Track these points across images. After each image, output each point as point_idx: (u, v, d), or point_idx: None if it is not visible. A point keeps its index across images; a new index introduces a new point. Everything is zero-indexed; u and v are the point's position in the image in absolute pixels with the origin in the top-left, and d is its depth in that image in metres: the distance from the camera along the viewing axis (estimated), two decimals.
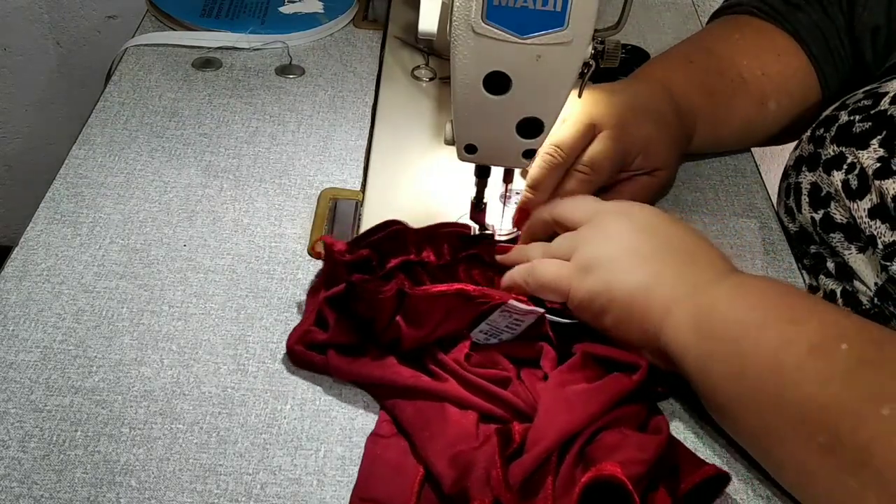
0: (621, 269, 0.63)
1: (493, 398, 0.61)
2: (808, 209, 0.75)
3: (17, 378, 0.62)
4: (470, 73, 0.62)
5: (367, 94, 0.93)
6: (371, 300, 0.63)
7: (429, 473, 0.57)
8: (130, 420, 0.60)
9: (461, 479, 0.56)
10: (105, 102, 0.88)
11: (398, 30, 1.02)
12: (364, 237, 0.69)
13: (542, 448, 0.57)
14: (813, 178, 0.75)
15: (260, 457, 0.59)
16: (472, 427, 0.60)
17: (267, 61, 0.96)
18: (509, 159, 0.68)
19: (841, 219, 0.72)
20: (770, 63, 0.85)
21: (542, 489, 0.56)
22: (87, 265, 0.71)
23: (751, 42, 0.86)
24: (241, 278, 0.71)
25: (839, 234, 0.73)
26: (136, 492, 0.56)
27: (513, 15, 0.58)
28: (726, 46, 0.86)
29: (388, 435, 0.60)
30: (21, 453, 0.58)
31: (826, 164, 0.73)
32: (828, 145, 0.74)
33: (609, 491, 0.55)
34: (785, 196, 0.80)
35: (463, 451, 0.58)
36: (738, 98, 0.84)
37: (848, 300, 0.72)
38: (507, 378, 0.63)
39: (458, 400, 0.61)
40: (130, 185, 0.79)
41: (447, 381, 0.62)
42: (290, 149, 0.85)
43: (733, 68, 0.84)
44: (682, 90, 0.81)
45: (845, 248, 0.72)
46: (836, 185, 0.72)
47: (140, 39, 0.97)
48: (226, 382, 0.63)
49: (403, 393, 0.62)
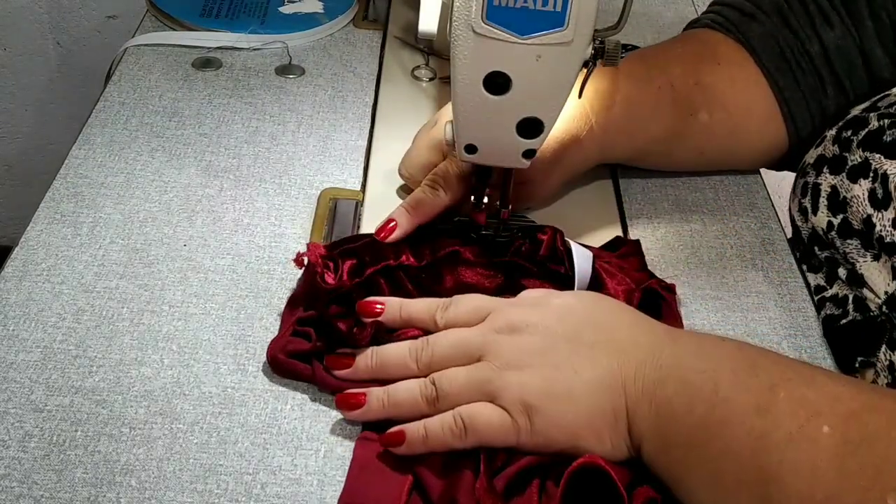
0: (560, 392, 0.57)
1: None
2: (826, 212, 0.73)
3: (18, 378, 0.62)
4: (470, 73, 0.62)
5: (367, 94, 0.93)
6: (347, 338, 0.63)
7: (417, 481, 0.57)
8: (130, 420, 0.60)
9: (449, 489, 0.56)
10: (105, 102, 0.88)
11: (398, 30, 1.02)
12: (341, 243, 0.69)
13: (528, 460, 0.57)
14: (834, 182, 0.72)
15: (260, 457, 0.59)
16: None
17: (267, 61, 0.96)
18: (509, 159, 0.68)
19: (858, 226, 0.70)
20: (705, 73, 0.81)
21: (528, 491, 0.56)
22: (87, 265, 0.71)
23: (690, 51, 0.83)
24: (241, 278, 0.71)
25: (856, 240, 0.71)
26: (136, 492, 0.56)
27: (513, 15, 0.58)
28: (662, 55, 0.83)
29: (376, 439, 0.60)
30: (21, 453, 0.58)
31: (851, 172, 0.71)
32: (854, 149, 0.71)
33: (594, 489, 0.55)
34: (801, 195, 0.77)
35: (454, 462, 0.58)
36: (662, 107, 0.79)
37: (858, 306, 0.71)
38: None
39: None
40: (130, 185, 0.79)
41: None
42: (290, 149, 0.85)
43: (663, 77, 0.80)
44: (592, 93, 0.76)
45: (860, 255, 0.71)
46: (856, 192, 0.70)
47: (140, 39, 0.97)
48: (226, 382, 0.63)
49: None
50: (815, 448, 0.50)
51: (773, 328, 0.72)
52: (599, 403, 0.57)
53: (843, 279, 0.73)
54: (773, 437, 0.51)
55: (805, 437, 0.50)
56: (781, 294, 0.75)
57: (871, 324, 0.69)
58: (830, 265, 0.75)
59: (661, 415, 0.55)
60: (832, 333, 0.72)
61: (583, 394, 0.57)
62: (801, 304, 0.74)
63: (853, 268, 0.71)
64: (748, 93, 0.82)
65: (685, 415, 0.54)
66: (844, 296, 0.72)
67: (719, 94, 0.81)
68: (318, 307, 0.65)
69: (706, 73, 0.81)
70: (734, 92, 0.81)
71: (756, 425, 0.52)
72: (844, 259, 0.73)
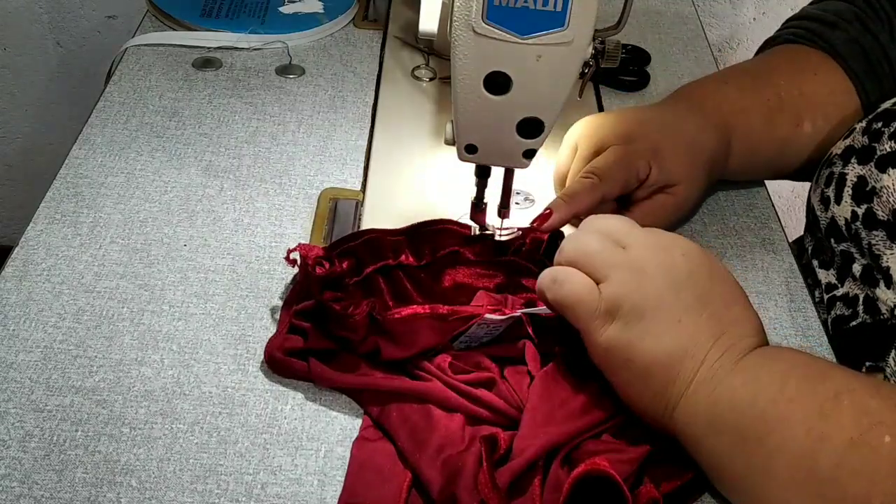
0: (646, 331, 0.58)
1: (477, 402, 0.61)
2: (851, 202, 0.73)
3: (18, 378, 0.62)
4: (470, 73, 0.62)
5: (367, 94, 0.93)
6: (342, 321, 0.63)
7: (416, 479, 0.57)
8: (131, 420, 0.60)
9: (449, 485, 0.56)
10: (105, 102, 0.88)
11: (398, 30, 1.02)
12: (340, 243, 0.69)
13: (530, 454, 0.57)
14: (861, 172, 0.73)
15: (260, 457, 0.59)
16: (459, 430, 0.60)
17: (267, 61, 0.96)
18: (509, 159, 0.68)
19: (883, 216, 0.70)
20: (807, 82, 0.83)
21: (530, 490, 0.56)
22: (87, 265, 0.71)
23: (787, 62, 0.85)
24: (241, 278, 0.71)
25: (881, 231, 0.71)
26: (136, 492, 0.56)
27: (513, 15, 0.58)
28: (763, 67, 0.85)
29: (375, 439, 0.60)
30: (21, 453, 0.58)
31: (880, 161, 0.71)
32: (885, 140, 0.72)
33: (596, 490, 0.55)
34: (825, 185, 0.77)
35: (451, 456, 0.58)
36: (775, 117, 0.81)
37: (869, 307, 0.71)
38: (492, 379, 0.62)
39: (442, 401, 0.61)
40: (130, 185, 0.79)
41: (431, 382, 0.62)
42: (290, 149, 0.85)
43: (770, 87, 0.82)
44: (713, 105, 0.79)
45: (886, 246, 0.70)
46: (886, 183, 0.70)
47: (140, 39, 0.97)
48: (226, 382, 0.63)
49: (387, 397, 0.62)
50: (875, 455, 0.51)
51: (774, 328, 0.72)
52: (678, 356, 0.57)
53: (857, 276, 0.73)
54: (833, 441, 0.52)
55: (866, 443, 0.52)
56: (781, 294, 0.75)
57: (881, 327, 0.69)
58: (844, 259, 0.75)
59: (721, 401, 0.56)
60: (841, 336, 0.71)
61: (674, 336, 0.58)
62: (801, 304, 0.74)
63: (874, 262, 0.71)
64: (842, 100, 0.83)
65: (747, 406, 0.55)
66: (855, 295, 0.72)
67: (819, 103, 0.82)
68: (314, 294, 0.65)
69: (807, 82, 0.83)
70: (832, 100, 0.83)
71: (817, 427, 0.53)
72: (865, 252, 0.72)
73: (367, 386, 0.62)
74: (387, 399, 0.62)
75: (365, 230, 0.70)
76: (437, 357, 0.64)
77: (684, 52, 1.05)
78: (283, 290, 0.70)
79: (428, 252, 0.70)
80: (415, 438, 0.59)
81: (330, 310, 0.63)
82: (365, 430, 0.61)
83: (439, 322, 0.64)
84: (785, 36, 0.88)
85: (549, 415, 0.60)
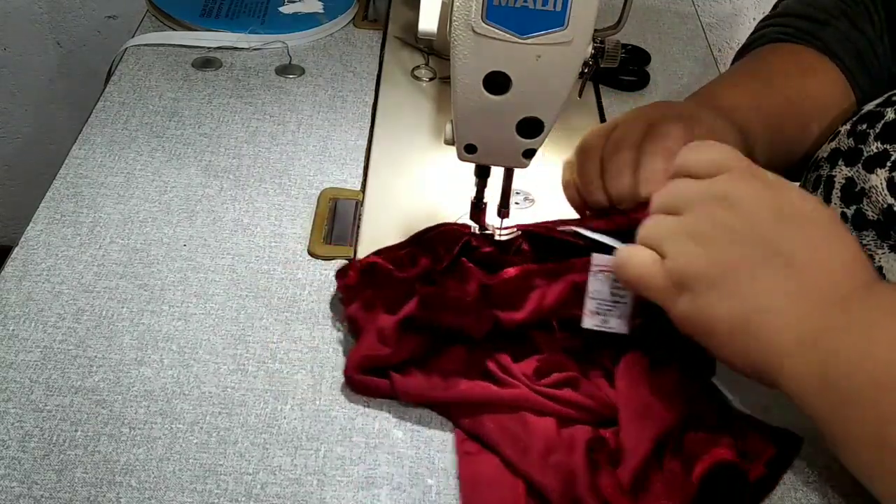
0: (720, 298, 0.55)
1: (567, 403, 0.61)
2: (840, 204, 0.73)
3: (17, 378, 0.62)
4: (470, 73, 0.62)
5: (367, 94, 0.93)
6: (457, 306, 0.62)
7: (529, 486, 0.57)
8: (130, 420, 0.60)
9: (569, 490, 0.56)
10: (105, 102, 0.88)
11: (398, 30, 1.02)
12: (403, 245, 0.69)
13: (643, 451, 0.57)
14: (849, 174, 0.72)
15: (260, 457, 0.59)
16: (555, 433, 0.60)
17: (267, 61, 0.96)
18: (509, 159, 0.68)
19: (873, 215, 0.70)
20: (810, 84, 0.82)
21: (651, 488, 0.56)
22: (87, 265, 0.71)
23: (791, 64, 0.84)
24: (241, 278, 0.71)
25: (871, 231, 0.70)
26: (136, 492, 0.56)
27: (513, 15, 0.58)
28: (768, 69, 0.84)
29: (476, 452, 0.60)
30: (21, 453, 0.58)
31: (867, 162, 0.71)
32: (871, 142, 0.71)
33: (711, 476, 0.56)
34: (812, 188, 0.77)
35: (560, 461, 0.57)
36: (787, 121, 0.81)
37: None
38: (575, 378, 0.62)
39: (533, 406, 0.61)
40: (130, 185, 0.79)
41: (518, 388, 0.62)
42: (290, 149, 0.85)
43: (779, 91, 0.81)
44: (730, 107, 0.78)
45: (878, 246, 0.70)
46: (874, 183, 0.70)
47: (140, 39, 0.97)
48: (226, 382, 0.63)
49: (477, 408, 0.61)
50: None
51: None
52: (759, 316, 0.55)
53: None
54: None
55: None
56: None
57: None
58: None
59: (829, 361, 0.53)
60: None
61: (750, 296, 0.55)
62: None
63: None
64: (841, 99, 0.82)
65: (858, 364, 0.53)
66: None
67: (823, 104, 0.82)
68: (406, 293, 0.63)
69: (811, 84, 0.82)
70: (833, 101, 0.82)
71: None
72: None
73: (457, 398, 0.61)
74: (476, 409, 0.61)
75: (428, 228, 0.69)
76: (521, 364, 0.63)
77: (684, 52, 1.05)
78: (283, 290, 0.70)
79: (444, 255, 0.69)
80: (517, 446, 0.59)
81: (443, 298, 0.62)
82: (462, 444, 0.60)
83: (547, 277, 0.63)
84: (773, 34, 0.87)
85: (646, 407, 0.60)
